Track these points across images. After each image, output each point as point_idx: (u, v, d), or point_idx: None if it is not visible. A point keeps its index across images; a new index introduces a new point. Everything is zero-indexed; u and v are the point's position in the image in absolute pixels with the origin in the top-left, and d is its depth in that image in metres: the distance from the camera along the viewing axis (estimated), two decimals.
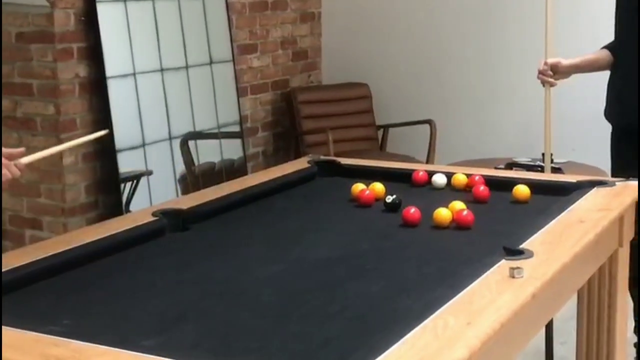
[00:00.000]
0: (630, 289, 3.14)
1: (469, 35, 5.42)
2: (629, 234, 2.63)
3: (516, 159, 4.69)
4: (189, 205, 2.50)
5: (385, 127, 5.54)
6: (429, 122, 5.19)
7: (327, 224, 2.48)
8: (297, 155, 5.32)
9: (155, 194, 4.52)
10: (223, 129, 4.98)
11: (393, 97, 5.65)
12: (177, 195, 4.60)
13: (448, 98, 5.51)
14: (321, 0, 5.84)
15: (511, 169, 4.44)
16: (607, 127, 4.97)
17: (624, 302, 2.73)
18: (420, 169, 2.91)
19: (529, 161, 4.63)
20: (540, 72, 3.43)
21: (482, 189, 2.61)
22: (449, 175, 2.83)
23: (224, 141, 4.99)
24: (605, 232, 2.33)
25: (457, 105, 5.49)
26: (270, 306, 1.83)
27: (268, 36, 5.40)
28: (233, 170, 4.99)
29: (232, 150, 5.05)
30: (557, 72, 3.42)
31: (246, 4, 5.20)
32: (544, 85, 3.49)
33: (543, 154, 4.59)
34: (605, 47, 3.36)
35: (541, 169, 4.43)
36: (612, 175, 3.15)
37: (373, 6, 5.71)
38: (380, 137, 5.56)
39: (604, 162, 4.61)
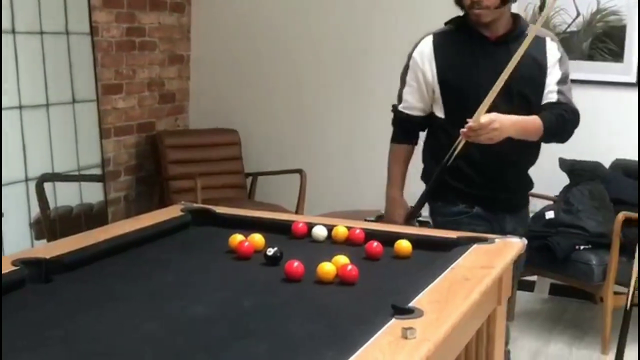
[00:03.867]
0: None
1: (339, 86, 5.43)
2: (507, 291, 2.62)
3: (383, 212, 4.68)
4: (52, 254, 2.30)
5: (254, 175, 5.45)
6: (299, 171, 5.14)
7: (204, 277, 2.33)
8: (162, 201, 5.15)
9: (7, 238, 4.23)
10: (84, 172, 4.74)
11: (263, 145, 5.57)
12: (31, 240, 4.33)
13: (318, 148, 5.48)
14: (190, 44, 5.73)
15: (380, 221, 4.43)
16: None
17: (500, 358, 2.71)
18: (300, 220, 2.82)
19: None
20: None
21: (375, 245, 2.54)
22: (329, 228, 2.75)
23: (83, 184, 4.75)
24: (489, 291, 2.30)
25: (327, 155, 5.46)
26: None
27: (134, 77, 5.23)
28: (92, 215, 4.75)
29: (92, 194, 4.82)
30: None
31: (113, 43, 5.02)
32: None
33: (411, 207, 4.61)
34: None
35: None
36: None
37: (243, 52, 5.64)
38: (248, 185, 5.46)
39: None
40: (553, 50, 3.06)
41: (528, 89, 3.01)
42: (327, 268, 2.28)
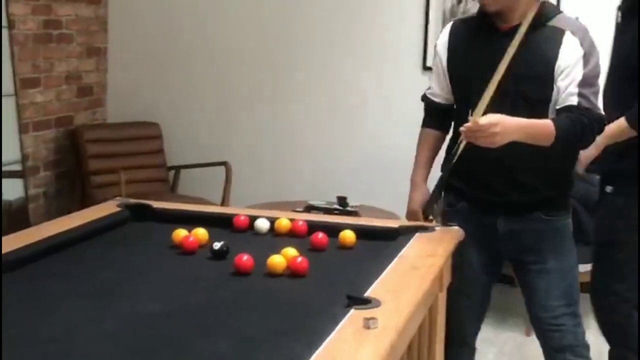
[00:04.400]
0: None
1: (263, 77, 5.40)
2: (447, 279, 2.67)
3: (312, 202, 4.70)
4: None
5: (177, 169, 5.38)
6: (224, 163, 5.10)
7: (152, 273, 2.30)
8: (84, 196, 5.04)
9: None
10: (3, 168, 4.59)
11: (186, 138, 5.51)
12: None
13: (244, 140, 5.45)
14: (107, 35, 5.61)
15: (309, 212, 4.45)
16: (397, 172, 5.14)
17: (441, 346, 2.76)
18: (241, 214, 2.81)
19: (325, 204, 4.66)
20: None
21: (321, 236, 2.55)
22: (272, 220, 2.75)
23: (2, 181, 4.61)
24: (435, 278, 2.34)
25: (253, 148, 5.43)
26: None
27: (52, 70, 5.09)
28: (12, 212, 4.62)
29: (12, 190, 4.67)
30: None
31: (30, 36, 4.88)
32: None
33: (338, 197, 4.65)
34: None
35: (339, 212, 4.47)
36: None
37: (162, 44, 5.56)
38: (171, 178, 5.40)
39: (394, 205, 4.75)
40: (573, 46, 2.67)
41: (527, 87, 2.70)
42: (278, 260, 2.28)
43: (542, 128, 2.64)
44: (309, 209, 4.51)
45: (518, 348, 4.36)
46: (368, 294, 2.02)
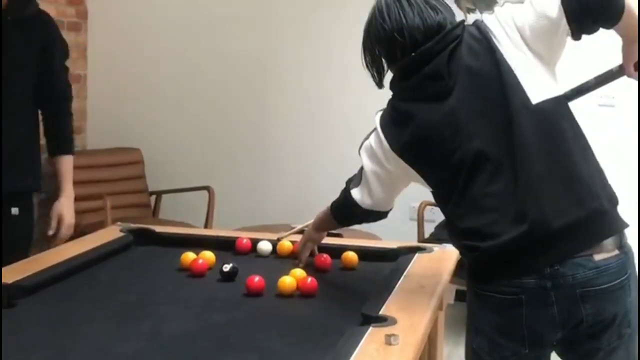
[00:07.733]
0: None
1: (243, 101, 5.47)
2: (447, 298, 2.75)
3: (294, 225, 4.74)
4: (11, 278, 2.27)
5: (158, 194, 5.41)
6: (207, 188, 5.14)
7: (166, 296, 2.35)
8: None
9: None
10: None
11: (167, 163, 5.53)
12: None
13: (225, 164, 5.50)
14: (86, 63, 5.64)
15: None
16: None
17: None
18: (243, 237, 2.87)
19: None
20: None
21: (325, 257, 2.62)
22: (274, 243, 2.81)
23: None
24: (441, 296, 2.42)
25: (234, 171, 5.48)
26: None
27: None
28: None
29: None
30: None
31: None
32: None
33: None
34: None
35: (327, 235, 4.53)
36: None
37: (142, 70, 5.60)
38: (153, 203, 5.42)
39: (372, 227, 4.82)
40: None
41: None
42: (289, 281, 2.35)
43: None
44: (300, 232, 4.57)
45: None
46: (382, 312, 2.09)
